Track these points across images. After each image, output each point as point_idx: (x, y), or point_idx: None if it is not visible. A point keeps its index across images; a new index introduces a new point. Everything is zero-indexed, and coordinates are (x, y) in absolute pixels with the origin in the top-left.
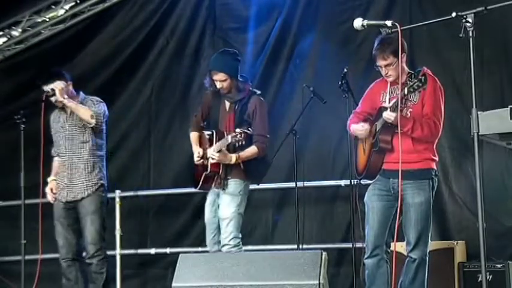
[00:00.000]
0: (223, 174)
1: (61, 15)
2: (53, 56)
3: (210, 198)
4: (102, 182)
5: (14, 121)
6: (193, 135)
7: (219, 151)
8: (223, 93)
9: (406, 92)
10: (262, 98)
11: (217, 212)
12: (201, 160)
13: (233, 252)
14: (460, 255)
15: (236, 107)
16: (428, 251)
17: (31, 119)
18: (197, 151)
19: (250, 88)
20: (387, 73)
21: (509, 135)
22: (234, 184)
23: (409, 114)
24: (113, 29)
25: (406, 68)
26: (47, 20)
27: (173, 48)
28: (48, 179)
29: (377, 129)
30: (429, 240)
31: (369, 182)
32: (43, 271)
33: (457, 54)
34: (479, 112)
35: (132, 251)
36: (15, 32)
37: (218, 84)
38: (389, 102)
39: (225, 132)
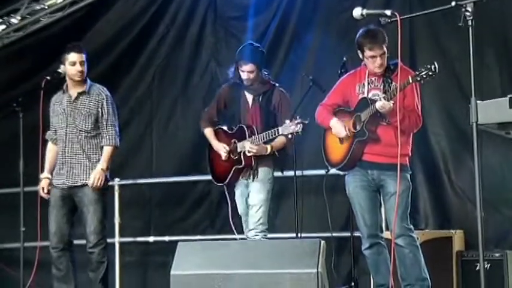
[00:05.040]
0: (255, 165)
1: (60, 2)
2: (52, 43)
3: (239, 191)
4: None
5: (13, 109)
6: (210, 131)
7: (258, 144)
8: (247, 85)
9: (410, 81)
10: (283, 90)
11: (247, 202)
12: (228, 155)
13: (257, 239)
14: (458, 244)
15: (260, 99)
16: (415, 236)
17: (30, 106)
18: (223, 147)
19: (271, 81)
20: (382, 63)
21: (508, 125)
22: (263, 172)
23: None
24: (112, 16)
25: None
26: (46, 7)
27: (174, 36)
28: (41, 176)
29: (362, 120)
30: (412, 226)
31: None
32: (42, 258)
33: (456, 44)
34: (478, 101)
35: (131, 239)
36: (14, 20)
37: (245, 76)
38: (368, 94)
39: (253, 125)
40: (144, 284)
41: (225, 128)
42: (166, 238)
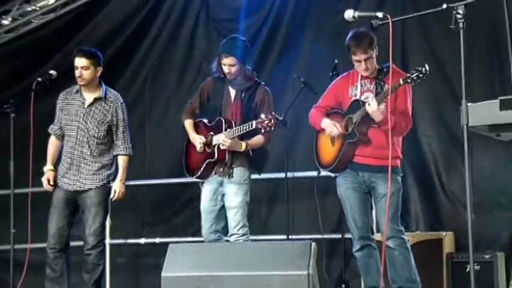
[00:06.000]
0: (229, 161)
1: (51, 3)
2: (44, 45)
3: (210, 186)
4: (109, 172)
5: (4, 110)
6: (189, 123)
7: (232, 138)
8: (229, 79)
9: (401, 83)
10: (268, 88)
11: (218, 201)
12: (203, 147)
13: (235, 241)
14: (448, 246)
15: (243, 95)
16: (406, 237)
17: (21, 108)
18: (199, 138)
19: (256, 78)
20: (366, 67)
21: (499, 127)
22: (239, 172)
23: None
24: (104, 18)
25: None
26: (38, 8)
27: (166, 38)
28: (45, 168)
29: (354, 121)
30: (402, 228)
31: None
32: (32, 260)
33: (448, 46)
34: (468, 104)
35: (122, 241)
36: (5, 21)
37: (226, 69)
38: (360, 96)
39: (232, 120)
40: (136, 286)
41: (205, 120)
42: (158, 240)
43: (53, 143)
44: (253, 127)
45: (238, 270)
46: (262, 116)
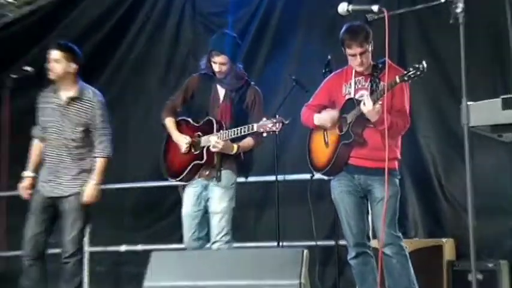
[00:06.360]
0: (217, 164)
1: None
2: (21, 38)
3: (194, 189)
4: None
5: None
6: (171, 121)
7: (226, 140)
8: (219, 77)
9: (397, 81)
10: (258, 89)
11: (202, 206)
12: (189, 148)
13: (219, 249)
14: (449, 253)
15: (233, 95)
16: (403, 244)
17: None
18: (184, 138)
19: (247, 77)
20: (361, 61)
21: (501, 127)
22: (227, 176)
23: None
24: (83, 11)
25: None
26: (14, 1)
27: (149, 32)
28: (25, 173)
29: (348, 122)
30: (400, 234)
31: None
32: (9, 269)
33: (447, 42)
34: (469, 102)
35: (101, 248)
36: None
37: (217, 67)
38: (355, 94)
39: (222, 121)
40: None
41: (189, 119)
42: (140, 247)
43: (35, 147)
44: (254, 130)
45: (225, 280)
46: (264, 118)
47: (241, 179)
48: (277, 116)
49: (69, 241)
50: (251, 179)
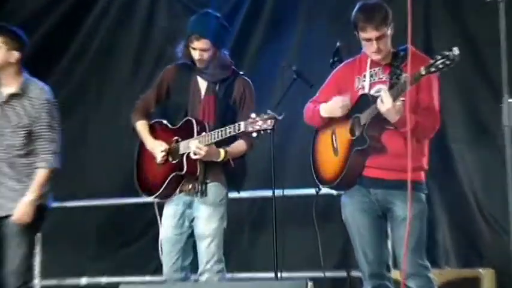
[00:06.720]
0: (201, 175)
1: None
2: None
3: (174, 207)
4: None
5: None
6: (143, 125)
7: (209, 144)
8: (199, 67)
9: (423, 73)
10: (249, 80)
11: (186, 227)
12: (166, 157)
13: (208, 281)
14: (488, 286)
15: (217, 88)
16: (431, 276)
17: None
18: (159, 145)
19: (234, 67)
20: (378, 48)
21: None
22: (214, 190)
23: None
24: None
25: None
26: None
27: (116, 14)
28: None
29: (362, 123)
30: (428, 263)
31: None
32: None
33: (483, 25)
34: (511, 100)
35: (56, 282)
36: None
37: (197, 54)
38: (370, 89)
39: (204, 121)
40: None
41: (165, 122)
42: (104, 279)
43: None
44: (241, 130)
45: None
46: (253, 115)
47: (233, 194)
48: (268, 111)
49: (11, 272)
50: (243, 193)
